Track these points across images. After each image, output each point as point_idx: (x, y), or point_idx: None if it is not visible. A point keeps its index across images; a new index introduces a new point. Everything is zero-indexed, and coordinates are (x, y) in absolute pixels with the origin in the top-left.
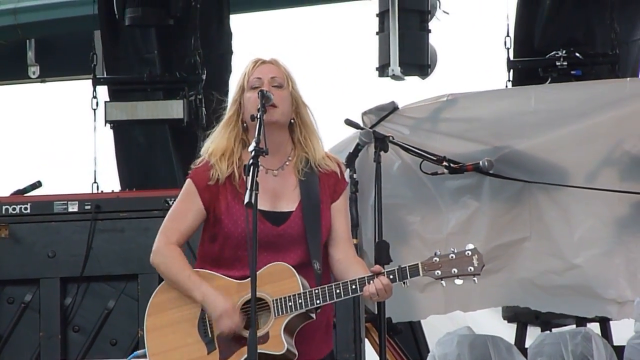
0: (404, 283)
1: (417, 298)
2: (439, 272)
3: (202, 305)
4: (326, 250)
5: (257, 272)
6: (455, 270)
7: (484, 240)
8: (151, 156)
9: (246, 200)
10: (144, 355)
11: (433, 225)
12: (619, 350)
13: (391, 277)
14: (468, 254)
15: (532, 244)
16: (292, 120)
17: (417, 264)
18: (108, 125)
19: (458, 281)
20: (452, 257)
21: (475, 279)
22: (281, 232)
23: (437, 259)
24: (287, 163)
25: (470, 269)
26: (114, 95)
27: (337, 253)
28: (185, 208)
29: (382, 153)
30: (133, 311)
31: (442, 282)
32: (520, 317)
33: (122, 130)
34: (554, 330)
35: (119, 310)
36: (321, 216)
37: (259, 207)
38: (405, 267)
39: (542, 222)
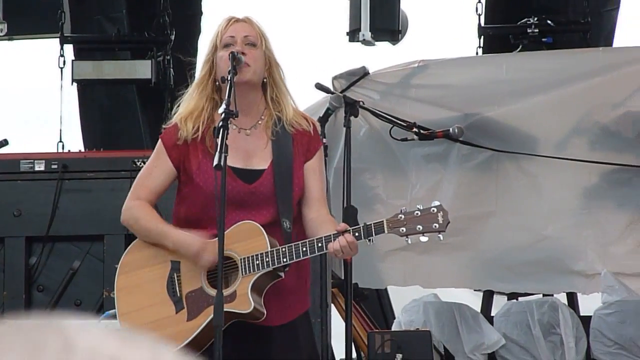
0: (369, 240)
1: (378, 267)
2: (404, 229)
3: (177, 250)
4: (300, 210)
5: (226, 231)
6: (420, 227)
7: (449, 208)
8: (118, 116)
9: (215, 162)
10: (115, 315)
11: (397, 190)
12: (586, 320)
13: (356, 234)
14: (433, 210)
15: (498, 219)
16: (265, 80)
17: (382, 221)
18: (75, 84)
19: (423, 238)
20: (417, 214)
21: (440, 235)
22: (253, 190)
23: (402, 216)
24: (260, 122)
25: (435, 226)
26: (81, 55)
27: (310, 212)
28: (154, 167)
29: (351, 118)
30: (98, 272)
31: (408, 239)
32: None
33: (88, 90)
34: (520, 299)
35: (84, 270)
36: (293, 175)
37: (231, 164)
38: (371, 224)
39: (509, 193)
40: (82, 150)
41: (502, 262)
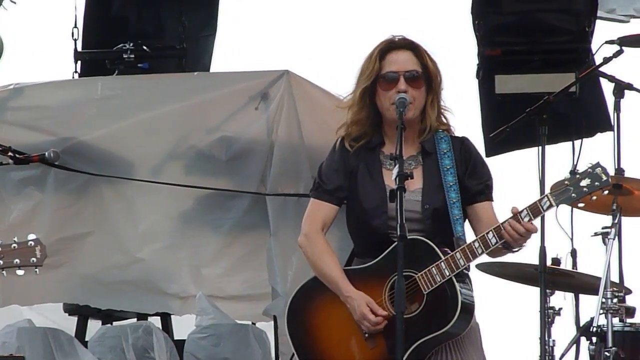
0: None
1: None
2: (1, 262)
3: None
4: None
5: None
6: (17, 260)
7: (47, 233)
8: None
9: None
10: None
11: None
12: (180, 344)
13: None
14: (30, 244)
15: (96, 238)
16: None
17: None
18: None
19: (19, 272)
20: (14, 247)
21: (37, 270)
22: None
23: (0, 249)
24: None
25: (33, 260)
26: None
27: None
28: None
29: None
30: None
31: (4, 272)
32: (81, 309)
33: None
34: (115, 323)
35: None
36: None
37: None
38: None
39: (106, 215)
40: None
41: (98, 279)
